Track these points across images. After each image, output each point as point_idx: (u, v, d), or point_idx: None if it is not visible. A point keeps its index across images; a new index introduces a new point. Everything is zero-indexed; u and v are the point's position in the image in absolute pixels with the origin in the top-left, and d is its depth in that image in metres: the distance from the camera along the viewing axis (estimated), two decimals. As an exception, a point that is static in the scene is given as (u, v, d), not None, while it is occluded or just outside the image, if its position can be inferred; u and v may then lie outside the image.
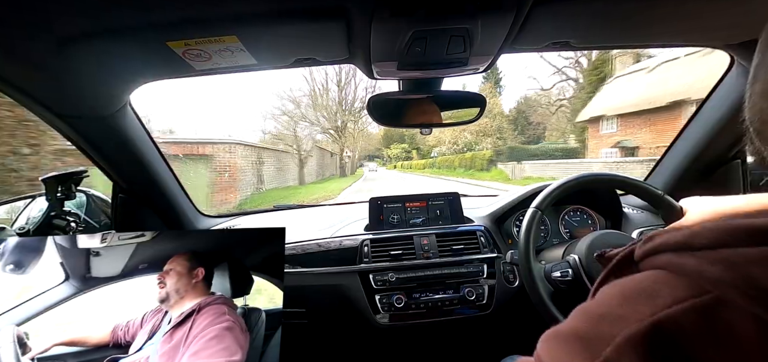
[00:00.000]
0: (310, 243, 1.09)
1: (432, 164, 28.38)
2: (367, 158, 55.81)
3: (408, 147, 40.24)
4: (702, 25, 0.69)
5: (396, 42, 0.62)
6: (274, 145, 13.68)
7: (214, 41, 0.60)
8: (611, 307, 0.26)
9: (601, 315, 0.26)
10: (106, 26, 0.56)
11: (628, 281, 0.27)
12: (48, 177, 0.92)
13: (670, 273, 0.25)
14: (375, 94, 0.87)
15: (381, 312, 0.98)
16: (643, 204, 1.13)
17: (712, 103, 0.97)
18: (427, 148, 33.72)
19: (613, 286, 0.28)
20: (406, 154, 41.61)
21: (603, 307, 0.26)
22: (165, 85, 10.91)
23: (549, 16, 0.61)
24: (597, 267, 0.76)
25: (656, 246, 0.27)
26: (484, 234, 1.09)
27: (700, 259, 0.23)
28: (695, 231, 0.24)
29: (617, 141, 13.88)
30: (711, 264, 0.23)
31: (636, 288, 0.26)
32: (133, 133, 0.92)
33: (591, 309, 0.27)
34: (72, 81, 0.70)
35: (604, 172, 0.90)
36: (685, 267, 0.24)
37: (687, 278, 0.24)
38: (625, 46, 0.84)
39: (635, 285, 0.26)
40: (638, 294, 0.25)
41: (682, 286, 0.23)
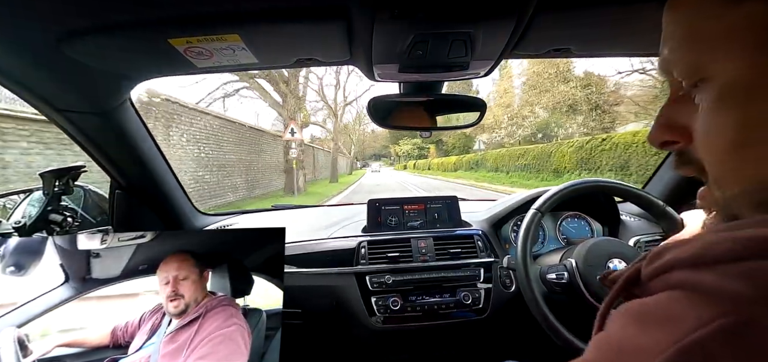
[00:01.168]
0: (307, 243, 1.09)
1: (476, 163, 19.68)
2: (373, 157, 53.37)
3: (422, 143, 34.19)
4: None
5: (397, 44, 0.62)
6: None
7: (216, 39, 0.60)
8: (629, 338, 0.24)
9: (619, 349, 0.24)
10: (108, 22, 0.56)
11: (642, 305, 0.25)
12: (45, 171, 0.91)
13: (687, 292, 0.23)
14: (376, 96, 0.87)
15: (377, 315, 0.98)
16: (641, 212, 1.13)
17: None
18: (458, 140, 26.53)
19: (626, 313, 0.25)
20: (420, 151, 36.96)
21: (620, 339, 0.24)
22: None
23: (551, 23, 0.61)
24: (593, 274, 0.77)
25: (666, 263, 0.25)
26: (482, 238, 1.09)
27: (718, 275, 0.21)
28: (708, 243, 0.22)
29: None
30: (731, 279, 0.20)
31: (652, 313, 0.24)
32: (133, 129, 0.92)
33: (608, 340, 0.25)
34: (72, 76, 0.69)
35: (605, 179, 0.91)
36: (703, 285, 0.22)
37: (706, 296, 0.21)
38: (627, 54, 0.85)
39: (651, 309, 0.24)
40: (656, 320, 0.23)
41: (703, 306, 0.21)
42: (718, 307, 0.20)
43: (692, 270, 0.23)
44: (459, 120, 0.96)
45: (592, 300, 0.75)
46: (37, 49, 0.60)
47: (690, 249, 0.23)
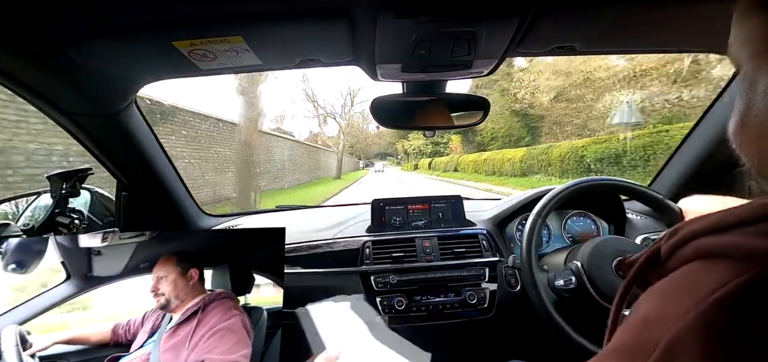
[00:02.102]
0: (311, 243, 1.09)
1: (579, 158, 9.78)
2: (378, 156, 51.27)
3: (438, 138, 26.06)
4: (709, 31, 0.69)
5: (400, 44, 0.62)
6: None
7: (220, 41, 0.60)
8: (650, 312, 0.24)
9: (641, 322, 0.24)
10: (112, 25, 0.57)
11: (663, 283, 0.26)
12: (53, 174, 0.92)
13: (706, 260, 0.24)
14: (379, 96, 0.87)
15: (381, 314, 0.98)
16: (647, 210, 1.12)
17: (716, 110, 0.97)
18: (505, 124, 17.47)
19: (647, 294, 0.26)
20: (435, 147, 30.18)
21: (642, 314, 0.25)
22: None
23: (553, 22, 0.60)
24: (600, 273, 0.76)
25: (683, 236, 0.26)
26: (486, 237, 1.08)
27: (739, 235, 0.22)
28: (729, 212, 0.23)
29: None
30: (754, 237, 0.21)
31: (673, 286, 0.25)
32: (138, 131, 0.92)
33: (630, 320, 0.26)
34: (78, 79, 0.70)
35: (607, 177, 0.90)
36: (723, 246, 0.23)
37: (726, 259, 0.22)
38: (631, 51, 0.84)
39: (672, 284, 0.25)
40: (677, 291, 0.24)
41: (722, 269, 0.22)
42: (737, 267, 0.21)
43: (711, 236, 0.24)
44: (463, 119, 0.96)
45: (598, 298, 0.75)
46: (42, 53, 0.61)
47: (706, 222, 0.25)
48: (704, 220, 0.25)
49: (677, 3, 0.58)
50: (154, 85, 0.82)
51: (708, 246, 0.24)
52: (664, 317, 0.23)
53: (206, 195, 7.98)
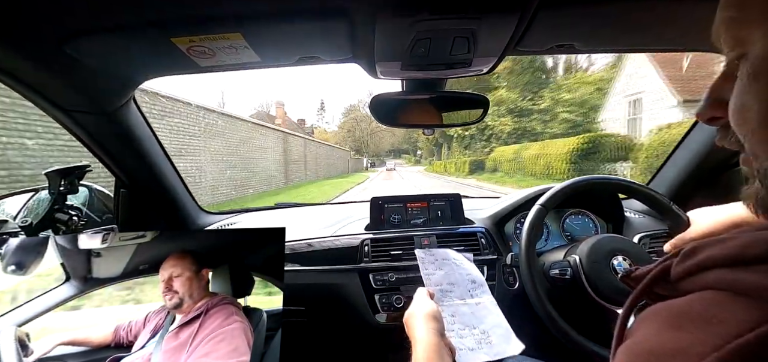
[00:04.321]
0: (310, 241, 1.09)
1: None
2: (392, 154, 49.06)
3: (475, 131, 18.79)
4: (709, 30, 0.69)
5: (400, 42, 0.62)
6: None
7: (219, 38, 0.60)
8: (662, 341, 0.22)
9: (650, 352, 0.22)
10: (111, 22, 0.56)
11: (674, 306, 0.24)
12: (51, 170, 0.92)
13: (725, 293, 0.22)
14: (378, 94, 0.87)
15: (380, 312, 0.98)
16: (645, 209, 1.12)
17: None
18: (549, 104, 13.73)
19: (655, 315, 0.24)
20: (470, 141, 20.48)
21: (651, 342, 0.23)
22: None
23: (553, 19, 0.60)
24: (597, 271, 0.76)
25: (701, 262, 0.24)
26: (485, 235, 1.09)
27: (758, 274, 0.20)
28: (746, 242, 0.22)
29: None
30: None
31: (687, 314, 0.23)
32: (137, 128, 0.92)
33: (636, 346, 0.24)
34: (76, 76, 0.70)
35: (612, 176, 0.90)
36: (743, 284, 0.21)
37: (747, 298, 0.21)
38: (631, 50, 0.84)
39: (685, 310, 0.23)
40: (693, 325, 0.22)
41: (743, 308, 0.20)
42: (760, 310, 0.20)
43: (730, 270, 0.22)
44: (462, 117, 0.96)
45: (595, 296, 0.75)
46: (40, 50, 0.61)
47: (727, 249, 0.23)
48: (723, 247, 0.23)
49: (677, 2, 0.58)
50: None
51: (728, 281, 0.22)
52: (677, 351, 0.21)
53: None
